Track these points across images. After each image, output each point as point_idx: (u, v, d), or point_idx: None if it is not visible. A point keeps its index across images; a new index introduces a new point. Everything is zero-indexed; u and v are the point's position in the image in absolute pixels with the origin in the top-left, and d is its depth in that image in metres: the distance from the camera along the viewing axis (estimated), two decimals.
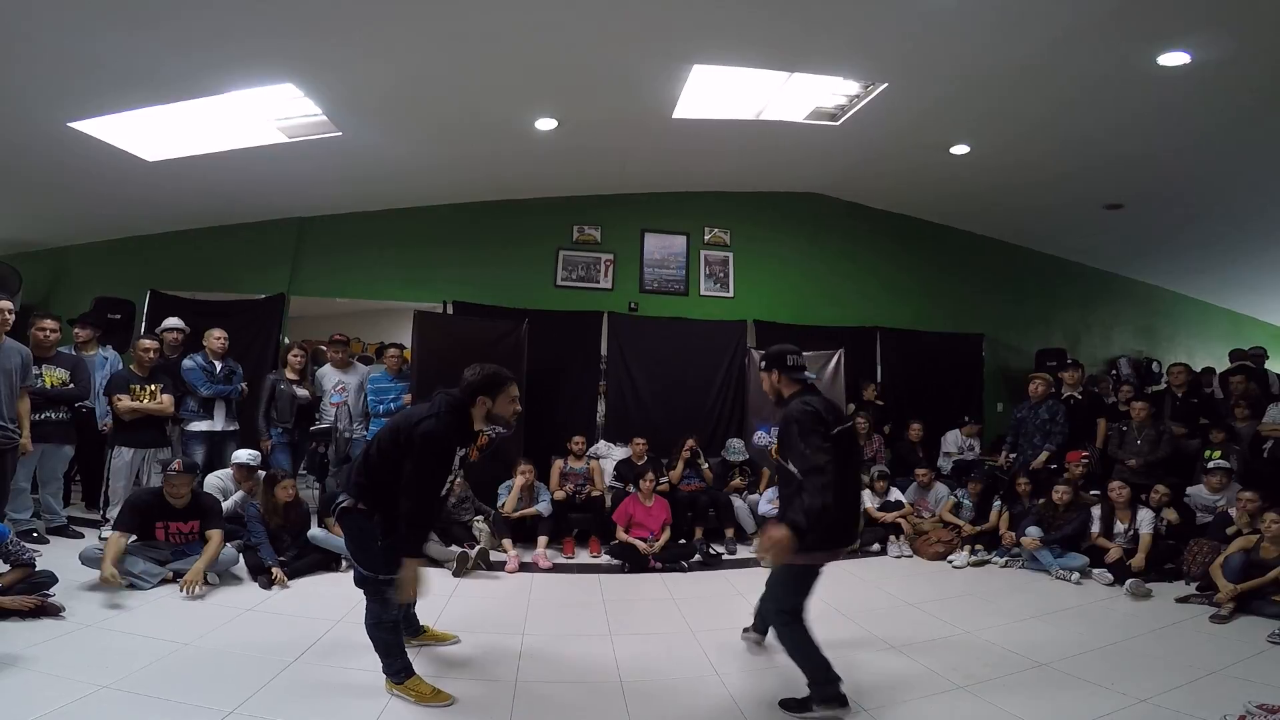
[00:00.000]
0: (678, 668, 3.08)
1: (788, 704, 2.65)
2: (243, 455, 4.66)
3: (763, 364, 2.89)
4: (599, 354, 7.05)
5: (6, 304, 3.91)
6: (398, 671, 2.69)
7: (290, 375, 5.49)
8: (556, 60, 4.63)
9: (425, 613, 3.40)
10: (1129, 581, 4.38)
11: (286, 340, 6.57)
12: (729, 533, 5.55)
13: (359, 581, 2.71)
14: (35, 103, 4.48)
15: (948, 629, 3.69)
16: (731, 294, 7.58)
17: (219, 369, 5.20)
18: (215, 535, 3.94)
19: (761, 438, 6.60)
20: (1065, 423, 5.85)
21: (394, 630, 2.73)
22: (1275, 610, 3.77)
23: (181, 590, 3.63)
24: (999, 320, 8.24)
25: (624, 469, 5.69)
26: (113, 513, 4.55)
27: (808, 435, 2.52)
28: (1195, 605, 4.10)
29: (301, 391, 5.47)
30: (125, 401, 4.69)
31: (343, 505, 2.70)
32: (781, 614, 2.68)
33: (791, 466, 2.56)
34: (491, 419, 2.76)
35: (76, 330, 5.30)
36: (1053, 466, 5.71)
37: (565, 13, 4.05)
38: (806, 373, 2.82)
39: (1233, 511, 4.65)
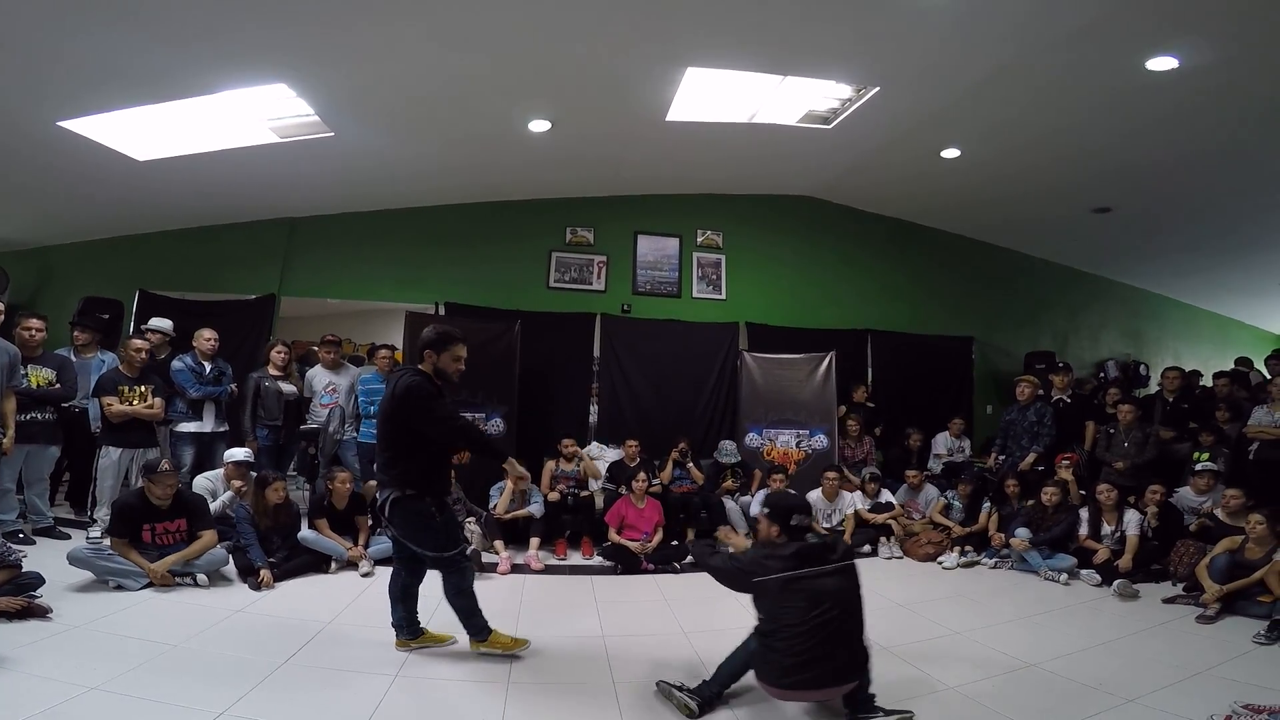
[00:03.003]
0: (671, 669, 3.08)
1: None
2: (239, 453, 4.63)
3: (765, 510, 2.83)
4: (591, 355, 7.05)
5: None
6: (479, 629, 3.04)
7: (274, 372, 5.43)
8: (550, 62, 4.64)
9: (421, 614, 3.41)
10: (1116, 582, 4.42)
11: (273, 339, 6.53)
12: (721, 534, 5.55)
13: (435, 564, 2.97)
14: (24, 101, 4.44)
15: (937, 630, 3.71)
16: (724, 296, 7.60)
17: (208, 370, 5.16)
18: (208, 534, 3.94)
19: (753, 439, 6.63)
20: (1053, 425, 5.90)
21: (472, 595, 3.04)
22: (1260, 610, 3.80)
23: (156, 578, 3.68)
24: (988, 323, 8.30)
25: (616, 471, 5.70)
26: (100, 512, 4.52)
27: (747, 564, 2.65)
28: (1182, 606, 4.14)
29: (288, 387, 5.40)
30: (116, 405, 4.64)
31: (391, 498, 2.89)
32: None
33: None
34: (437, 373, 2.98)
35: (76, 333, 5.25)
36: (1039, 469, 5.76)
37: (559, 14, 4.06)
38: (809, 534, 2.76)
39: (1219, 511, 4.71)
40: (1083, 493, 5.37)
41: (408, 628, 3.15)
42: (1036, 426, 5.95)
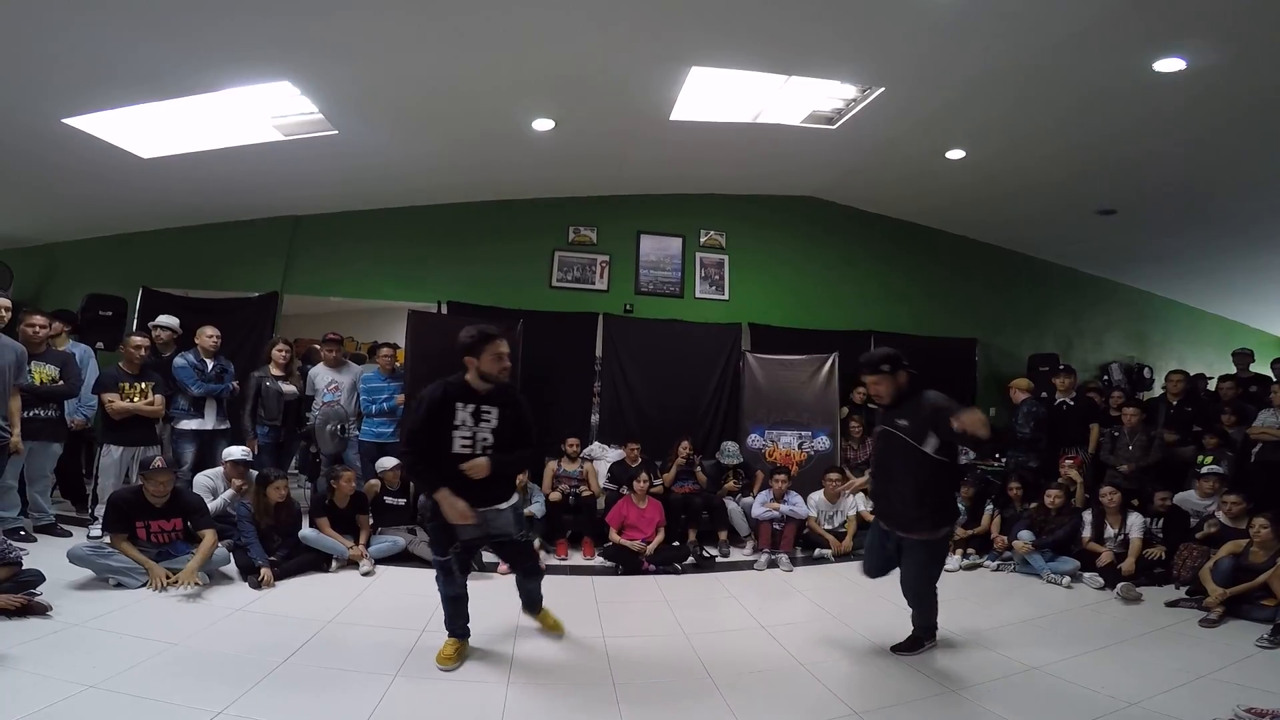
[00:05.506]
0: (670, 669, 3.08)
1: (900, 647, 3.36)
2: (236, 452, 4.63)
3: (886, 367, 3.31)
4: (594, 355, 7.04)
5: (4, 301, 3.88)
6: (451, 631, 3.11)
7: (275, 371, 5.41)
8: (555, 61, 4.62)
9: (421, 613, 3.41)
10: (1119, 585, 4.41)
11: (274, 337, 6.53)
12: (722, 535, 5.55)
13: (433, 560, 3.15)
14: (27, 98, 4.44)
15: (939, 632, 3.69)
16: (727, 297, 7.58)
17: (210, 367, 5.15)
18: (209, 534, 3.92)
19: (755, 440, 6.62)
20: (1024, 423, 5.99)
21: (454, 601, 3.10)
22: (1263, 614, 3.79)
23: (180, 585, 3.64)
24: (992, 325, 8.27)
25: (618, 471, 5.69)
26: (100, 510, 4.51)
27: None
28: (1184, 609, 4.13)
29: (288, 388, 5.39)
30: (117, 402, 4.64)
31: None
32: (929, 593, 3.38)
33: (927, 448, 3.07)
34: (484, 377, 2.99)
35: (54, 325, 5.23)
36: (1032, 466, 5.80)
37: (564, 13, 4.05)
38: None
39: (1221, 514, 4.69)
40: (1086, 495, 5.36)
41: (528, 604, 3.52)
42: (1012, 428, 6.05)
